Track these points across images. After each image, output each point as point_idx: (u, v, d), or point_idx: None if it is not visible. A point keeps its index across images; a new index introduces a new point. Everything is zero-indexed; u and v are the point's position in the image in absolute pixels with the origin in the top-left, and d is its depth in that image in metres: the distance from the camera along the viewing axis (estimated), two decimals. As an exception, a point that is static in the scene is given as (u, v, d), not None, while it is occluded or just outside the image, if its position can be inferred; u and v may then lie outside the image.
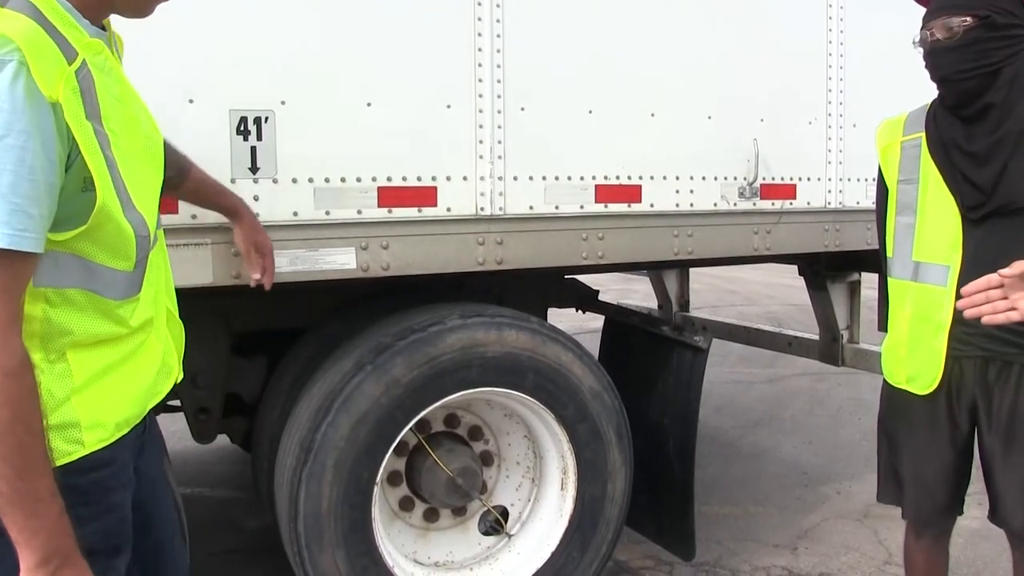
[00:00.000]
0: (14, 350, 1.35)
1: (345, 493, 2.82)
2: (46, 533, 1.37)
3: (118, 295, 1.53)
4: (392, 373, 2.85)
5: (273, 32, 2.59)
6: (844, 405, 6.67)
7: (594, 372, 3.22)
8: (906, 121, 2.61)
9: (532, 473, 3.42)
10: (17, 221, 1.29)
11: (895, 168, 2.60)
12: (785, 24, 3.56)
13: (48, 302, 1.43)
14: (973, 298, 2.08)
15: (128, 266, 1.53)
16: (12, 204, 1.29)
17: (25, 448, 1.34)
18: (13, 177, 1.28)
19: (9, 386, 1.33)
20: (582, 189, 3.12)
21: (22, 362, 1.36)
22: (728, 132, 3.42)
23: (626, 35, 3.15)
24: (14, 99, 1.28)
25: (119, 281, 1.52)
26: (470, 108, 2.89)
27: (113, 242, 1.48)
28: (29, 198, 1.30)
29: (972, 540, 4.11)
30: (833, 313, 4.48)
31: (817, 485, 5.04)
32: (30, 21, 1.33)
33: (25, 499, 1.35)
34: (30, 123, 1.29)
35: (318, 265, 2.71)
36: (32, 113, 1.29)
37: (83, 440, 1.48)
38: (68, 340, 1.46)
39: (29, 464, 1.35)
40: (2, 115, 1.27)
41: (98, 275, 1.48)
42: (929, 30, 2.41)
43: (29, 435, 1.35)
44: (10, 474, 1.33)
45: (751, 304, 11.05)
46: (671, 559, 3.84)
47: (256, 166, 2.58)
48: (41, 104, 1.31)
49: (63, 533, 1.40)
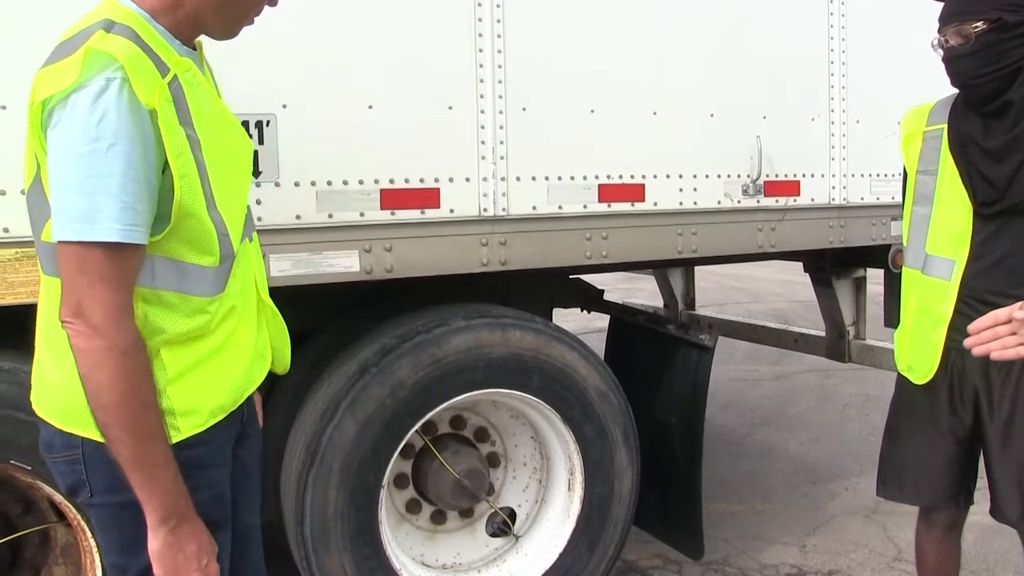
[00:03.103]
0: (129, 331, 1.54)
1: (351, 496, 2.82)
2: (163, 494, 1.57)
3: (207, 292, 1.67)
4: (397, 375, 2.85)
5: (274, 36, 2.58)
6: (851, 401, 6.65)
7: (600, 372, 3.21)
8: (931, 111, 2.59)
9: (539, 474, 3.41)
10: (127, 218, 1.48)
11: (915, 158, 2.59)
12: (787, 20, 3.55)
13: (146, 301, 1.60)
14: (981, 335, 2.11)
15: (214, 262, 1.67)
16: (122, 203, 1.47)
17: (141, 417, 1.54)
18: (122, 179, 1.46)
19: (125, 363, 1.52)
20: (585, 189, 3.11)
21: (136, 341, 1.55)
22: (731, 129, 3.41)
23: (627, 34, 3.15)
24: (120, 110, 1.45)
25: (207, 277, 1.67)
26: (472, 109, 2.88)
27: (198, 238, 1.63)
28: (136, 196, 1.48)
29: (983, 535, 4.09)
30: (839, 309, 4.47)
31: (825, 482, 5.03)
32: (130, 43, 1.51)
33: (143, 462, 1.55)
34: (134, 130, 1.47)
35: (321, 268, 2.71)
36: (135, 121, 1.47)
37: (179, 426, 1.65)
38: (162, 338, 1.63)
39: (144, 431, 1.55)
40: (111, 124, 1.45)
41: (188, 274, 1.64)
42: (944, 36, 2.40)
43: (143, 407, 1.55)
44: (128, 440, 1.53)
45: (757, 301, 11.03)
46: (679, 558, 3.83)
47: (258, 170, 2.58)
48: (141, 113, 1.48)
49: (179, 495, 1.60)
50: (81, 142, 1.45)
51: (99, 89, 1.45)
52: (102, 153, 1.45)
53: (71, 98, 1.45)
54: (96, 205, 1.46)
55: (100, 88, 1.45)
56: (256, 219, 2.57)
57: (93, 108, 1.44)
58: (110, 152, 1.45)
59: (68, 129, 1.46)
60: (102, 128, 1.45)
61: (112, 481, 1.60)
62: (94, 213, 1.46)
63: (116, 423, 1.52)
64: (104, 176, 1.45)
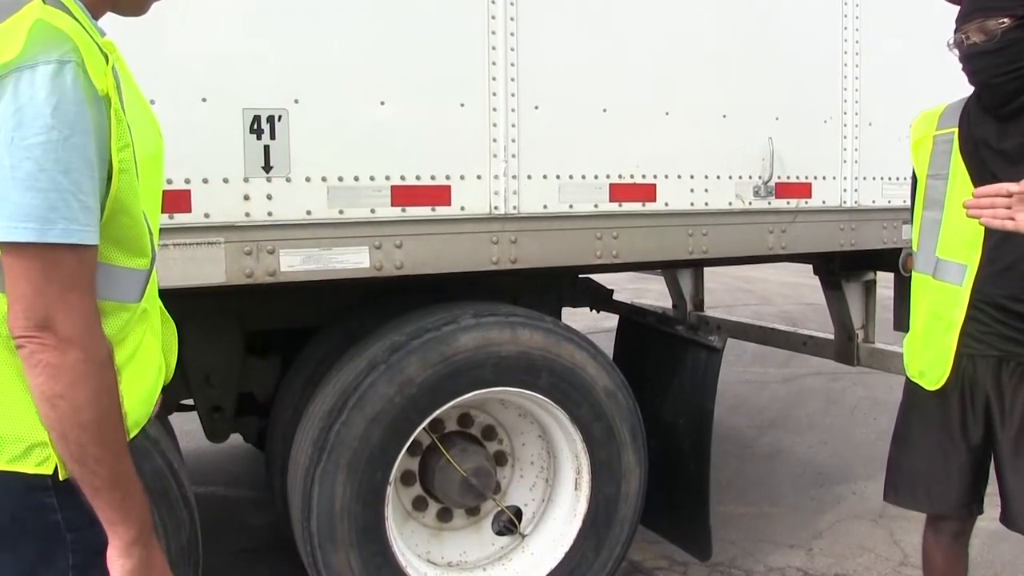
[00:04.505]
0: (103, 341, 1.41)
1: (358, 492, 2.82)
2: (139, 509, 1.46)
3: (135, 297, 1.53)
4: (406, 372, 2.85)
5: (286, 30, 2.59)
6: (859, 404, 6.63)
7: (608, 372, 3.20)
8: (941, 114, 2.56)
9: (546, 473, 3.41)
10: (84, 217, 1.33)
11: (925, 162, 2.56)
12: (800, 21, 3.53)
13: None
14: (979, 200, 2.13)
15: (145, 263, 1.53)
16: (80, 201, 1.32)
17: (120, 432, 1.42)
18: (78, 175, 1.32)
19: (105, 375, 1.39)
20: (596, 188, 3.10)
21: (110, 352, 1.43)
22: (743, 131, 3.40)
23: (640, 34, 3.14)
24: (77, 98, 1.31)
25: (137, 282, 1.53)
26: (484, 107, 2.88)
27: (130, 237, 1.49)
28: (91, 194, 1.35)
29: (991, 542, 4.07)
30: (848, 312, 4.45)
31: (832, 485, 5.01)
32: (72, 20, 1.35)
33: (123, 479, 1.43)
34: (90, 121, 1.33)
35: (331, 264, 2.71)
36: (91, 111, 1.33)
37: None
38: None
39: (123, 447, 1.43)
40: (68, 114, 1.30)
41: (118, 280, 1.49)
42: (964, 33, 2.35)
43: (121, 420, 1.43)
44: (111, 459, 1.40)
45: (765, 303, 11.00)
46: (686, 559, 3.82)
47: (269, 165, 2.58)
48: (97, 101, 1.34)
49: (147, 509, 1.49)
50: (32, 130, 1.27)
51: (53, 72, 1.28)
52: (59, 144, 1.29)
53: (14, 76, 1.27)
54: (52, 203, 1.29)
55: (54, 70, 1.28)
56: (267, 214, 2.59)
57: (48, 93, 1.28)
58: (67, 144, 1.30)
59: (13, 113, 1.27)
60: (58, 117, 1.28)
61: (18, 515, 1.44)
62: (50, 212, 1.29)
63: (96, 441, 1.37)
64: (61, 171, 1.29)
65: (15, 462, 1.41)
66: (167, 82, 2.40)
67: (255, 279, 2.60)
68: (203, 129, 2.47)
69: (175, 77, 2.42)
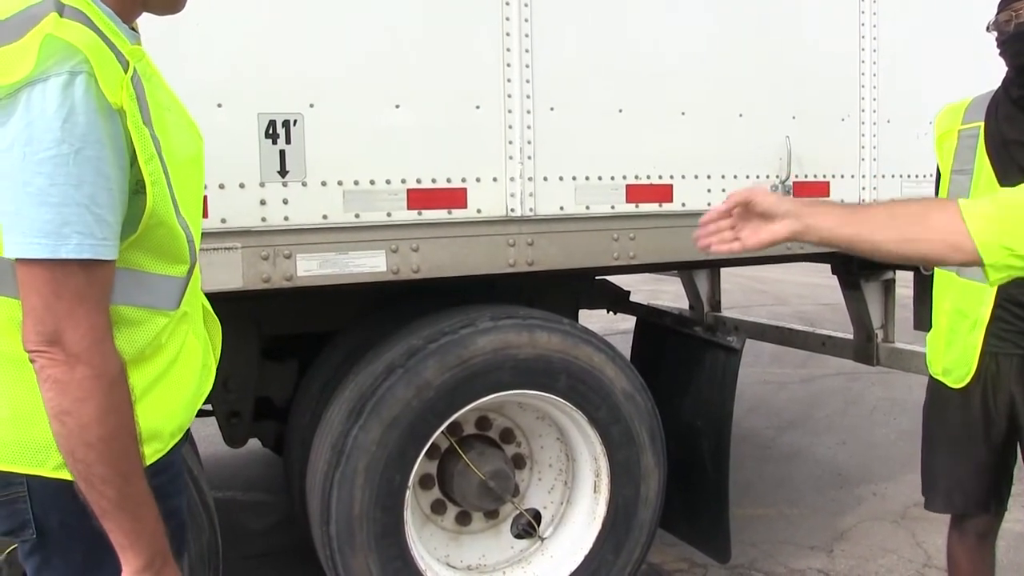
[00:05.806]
0: (115, 358, 1.38)
1: (377, 496, 2.81)
2: (149, 535, 1.41)
3: (172, 304, 1.53)
4: (424, 376, 2.84)
5: (301, 35, 2.59)
6: (878, 405, 6.58)
7: (627, 373, 3.19)
8: (967, 108, 2.52)
9: (565, 476, 3.40)
10: (100, 231, 1.32)
11: (950, 157, 2.52)
12: (817, 19, 3.51)
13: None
14: (706, 228, 1.86)
15: (182, 271, 1.53)
16: (95, 215, 1.31)
17: (130, 453, 1.39)
18: (92, 188, 1.30)
19: (114, 393, 1.36)
20: (613, 189, 3.09)
21: (122, 369, 1.39)
22: (760, 130, 3.38)
23: (655, 34, 3.12)
24: (88, 110, 1.29)
25: (173, 289, 1.53)
26: (499, 109, 2.87)
27: (166, 247, 1.49)
28: (108, 207, 1.33)
29: (1016, 543, 4.04)
30: (867, 312, 4.42)
31: (852, 486, 4.98)
32: (88, 30, 1.33)
33: (131, 503, 1.39)
34: (104, 133, 1.31)
35: (348, 268, 2.70)
36: (104, 123, 1.31)
37: (144, 454, 1.48)
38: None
39: (134, 469, 1.39)
40: (78, 126, 1.29)
41: (153, 286, 1.49)
42: (1015, 11, 2.28)
43: (132, 440, 1.39)
44: (118, 481, 1.37)
45: (781, 304, 10.95)
46: (705, 561, 3.80)
47: (285, 169, 2.58)
48: (110, 113, 1.33)
49: (161, 534, 1.44)
50: (42, 145, 1.27)
51: (62, 84, 1.27)
52: (69, 158, 1.28)
53: (26, 91, 1.27)
54: (65, 217, 1.28)
55: (63, 83, 1.28)
56: (283, 218, 2.58)
57: (57, 106, 1.27)
58: (78, 157, 1.28)
59: (24, 128, 1.27)
60: (68, 130, 1.27)
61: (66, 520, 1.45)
62: (63, 227, 1.28)
63: (103, 461, 1.34)
64: (73, 184, 1.28)
65: (60, 469, 1.41)
66: (182, 88, 2.37)
67: (272, 284, 2.60)
68: (219, 134, 2.46)
69: (190, 83, 2.42)
